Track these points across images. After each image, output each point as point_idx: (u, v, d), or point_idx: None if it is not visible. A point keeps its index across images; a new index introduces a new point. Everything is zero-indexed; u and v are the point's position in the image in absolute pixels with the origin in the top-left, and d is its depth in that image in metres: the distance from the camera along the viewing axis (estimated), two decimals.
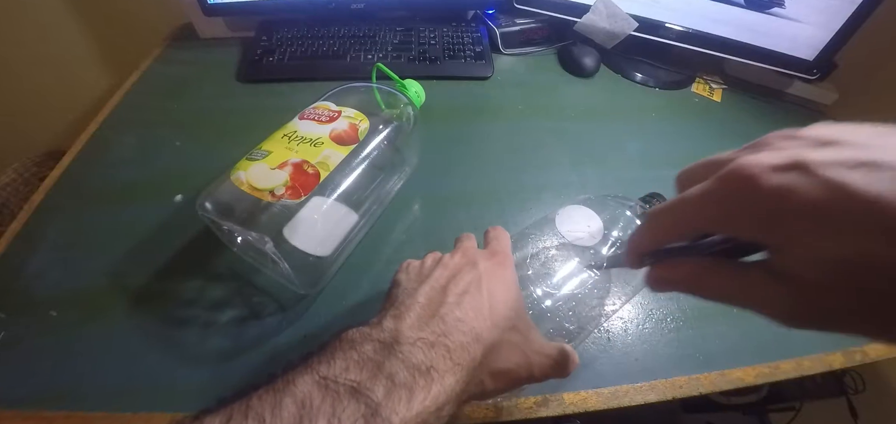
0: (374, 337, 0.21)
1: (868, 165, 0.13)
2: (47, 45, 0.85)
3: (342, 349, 0.21)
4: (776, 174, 0.14)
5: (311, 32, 0.68)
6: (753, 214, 0.15)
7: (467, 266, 0.25)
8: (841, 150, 0.14)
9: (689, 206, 0.17)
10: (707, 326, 0.38)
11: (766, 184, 0.14)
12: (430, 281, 0.24)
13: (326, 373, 0.19)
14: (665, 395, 0.34)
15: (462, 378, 0.21)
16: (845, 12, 0.54)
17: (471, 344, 0.22)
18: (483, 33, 0.70)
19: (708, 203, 0.16)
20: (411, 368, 0.20)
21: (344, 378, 0.19)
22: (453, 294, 0.23)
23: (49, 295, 0.37)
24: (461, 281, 0.24)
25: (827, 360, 0.37)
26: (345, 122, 0.38)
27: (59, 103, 0.93)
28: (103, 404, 0.32)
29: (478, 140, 0.55)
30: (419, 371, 0.20)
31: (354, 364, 0.20)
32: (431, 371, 0.20)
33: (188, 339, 0.35)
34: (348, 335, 0.22)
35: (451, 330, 0.22)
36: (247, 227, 0.31)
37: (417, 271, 0.26)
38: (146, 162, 0.50)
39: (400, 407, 0.19)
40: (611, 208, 0.36)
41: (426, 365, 0.20)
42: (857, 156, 0.13)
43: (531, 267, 0.34)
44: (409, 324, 0.22)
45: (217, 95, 0.61)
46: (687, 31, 0.65)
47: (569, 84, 0.68)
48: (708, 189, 0.16)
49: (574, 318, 0.32)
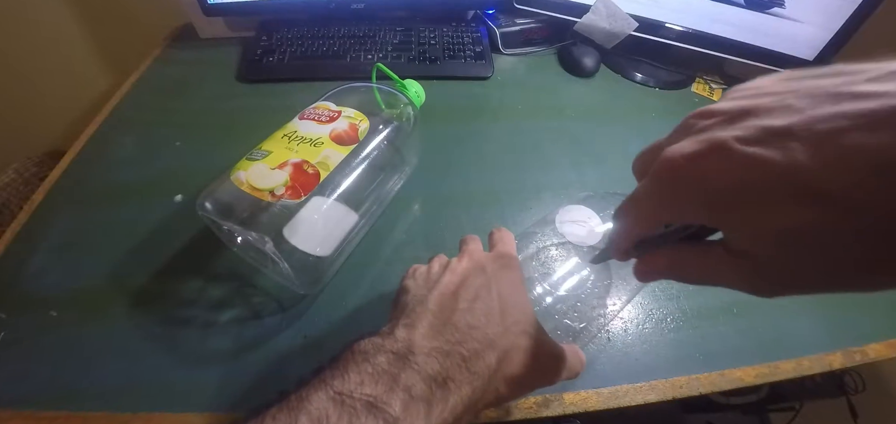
0: (388, 348, 0.21)
1: (778, 134, 0.13)
2: (47, 45, 0.85)
3: (355, 361, 0.20)
4: (697, 162, 0.14)
5: (311, 32, 0.68)
6: (690, 203, 0.15)
7: (476, 270, 0.25)
8: (753, 122, 0.14)
9: (638, 205, 0.18)
10: (707, 326, 0.38)
11: (691, 174, 0.14)
12: (440, 288, 0.24)
13: (341, 388, 0.19)
14: (665, 395, 0.34)
15: (479, 386, 0.21)
16: (845, 12, 0.54)
17: (485, 351, 0.22)
18: (483, 33, 0.70)
19: (650, 199, 0.17)
20: (428, 380, 0.20)
21: (359, 393, 0.19)
22: (464, 300, 0.23)
23: (49, 295, 0.37)
24: (471, 287, 0.24)
25: (827, 360, 0.37)
26: (345, 122, 0.38)
27: (59, 103, 0.93)
28: (103, 404, 0.31)
29: (478, 140, 0.55)
30: (436, 383, 0.20)
31: (369, 377, 0.19)
32: (448, 383, 0.20)
33: (188, 339, 0.35)
34: (360, 346, 0.21)
35: (466, 338, 0.21)
36: (247, 227, 0.31)
37: (425, 277, 0.26)
38: (146, 162, 0.50)
39: (418, 421, 0.19)
40: (611, 205, 0.36)
41: (443, 376, 0.20)
42: (767, 125, 0.13)
43: (534, 268, 0.34)
44: (422, 333, 0.21)
45: (217, 95, 0.61)
46: (687, 31, 0.65)
47: (569, 84, 0.68)
48: (646, 187, 0.17)
49: (578, 317, 0.32)
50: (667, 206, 0.16)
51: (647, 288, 0.40)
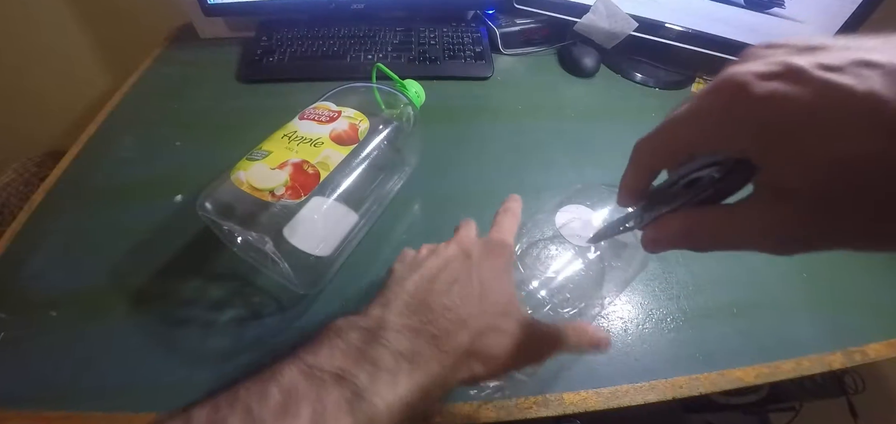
0: (361, 325, 0.22)
1: (858, 64, 0.12)
2: (47, 46, 0.85)
3: (328, 338, 0.21)
4: (768, 81, 0.13)
5: (311, 32, 0.68)
6: (747, 124, 0.14)
7: (460, 255, 0.26)
8: (829, 54, 0.13)
9: (679, 124, 0.17)
10: (707, 326, 0.38)
11: (759, 91, 0.13)
12: (421, 270, 0.25)
13: (313, 362, 0.20)
14: (665, 395, 0.34)
15: (448, 364, 0.21)
16: (845, 12, 0.54)
17: (458, 332, 0.22)
18: (483, 33, 0.70)
19: (700, 116, 0.16)
20: (396, 355, 0.20)
21: (329, 366, 0.20)
22: (443, 282, 0.24)
23: (49, 295, 0.37)
24: (452, 270, 0.25)
25: (827, 360, 0.37)
26: (345, 122, 0.38)
27: (59, 103, 0.93)
28: (103, 404, 0.32)
29: (478, 140, 0.55)
30: (404, 358, 0.20)
31: (340, 352, 0.20)
32: (416, 358, 0.21)
33: (188, 339, 0.35)
34: (336, 324, 0.22)
35: (438, 318, 0.22)
36: (247, 227, 0.31)
37: (412, 260, 0.27)
38: (146, 162, 0.50)
39: (384, 391, 0.19)
40: (601, 195, 0.37)
41: (411, 352, 0.21)
42: (845, 57, 0.13)
43: (528, 264, 0.34)
44: (395, 312, 0.22)
45: (217, 95, 0.61)
46: (687, 31, 0.65)
47: (569, 84, 0.68)
48: (698, 103, 0.16)
49: (570, 302, 0.33)
50: (716, 126, 0.15)
51: (647, 288, 0.41)
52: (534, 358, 0.25)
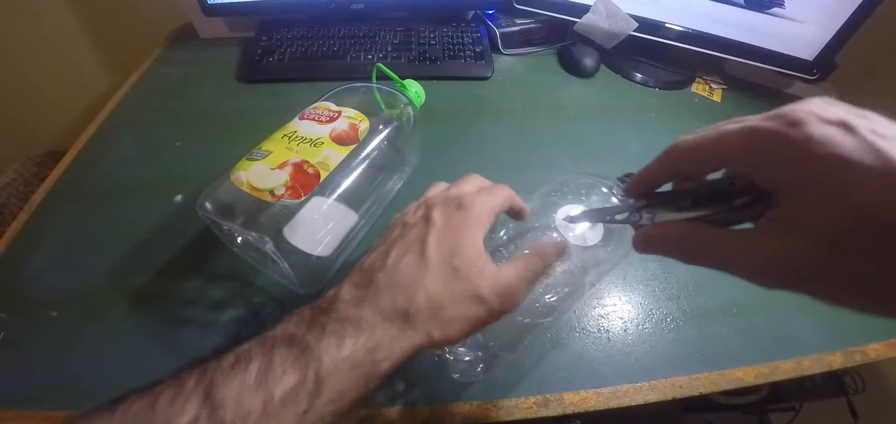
0: (316, 305, 0.24)
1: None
2: (47, 46, 0.85)
3: (287, 318, 0.24)
4: (824, 125, 0.16)
5: (310, 32, 0.68)
6: (795, 154, 0.16)
7: (421, 222, 0.26)
8: (881, 125, 0.15)
9: (730, 134, 0.18)
10: (707, 326, 0.38)
11: (815, 131, 0.15)
12: (381, 248, 0.26)
13: (269, 334, 0.22)
14: (665, 395, 0.34)
15: (396, 331, 0.23)
16: (845, 12, 0.54)
17: (404, 302, 0.23)
18: (483, 33, 0.70)
19: (753, 134, 0.17)
20: (341, 320, 0.22)
21: (281, 333, 0.22)
22: (393, 257, 0.25)
23: (49, 296, 0.37)
24: (407, 241, 0.25)
25: (827, 360, 0.37)
26: (345, 122, 0.38)
27: (59, 103, 0.93)
28: None
29: (478, 140, 0.55)
30: (350, 323, 0.22)
31: (293, 324, 0.23)
32: (360, 322, 0.22)
33: (188, 339, 0.35)
34: (297, 309, 0.24)
35: (382, 290, 0.24)
36: (247, 227, 0.31)
37: (382, 236, 0.28)
38: (146, 162, 0.50)
39: (330, 349, 0.21)
40: (590, 185, 0.37)
41: (357, 317, 0.23)
42: (894, 131, 0.15)
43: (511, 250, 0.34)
44: (347, 289, 0.24)
45: (217, 95, 0.61)
46: (687, 31, 0.65)
47: (569, 84, 0.68)
48: (754, 123, 0.17)
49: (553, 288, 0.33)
50: (770, 148, 0.17)
51: (647, 288, 0.41)
52: (498, 310, 0.25)
